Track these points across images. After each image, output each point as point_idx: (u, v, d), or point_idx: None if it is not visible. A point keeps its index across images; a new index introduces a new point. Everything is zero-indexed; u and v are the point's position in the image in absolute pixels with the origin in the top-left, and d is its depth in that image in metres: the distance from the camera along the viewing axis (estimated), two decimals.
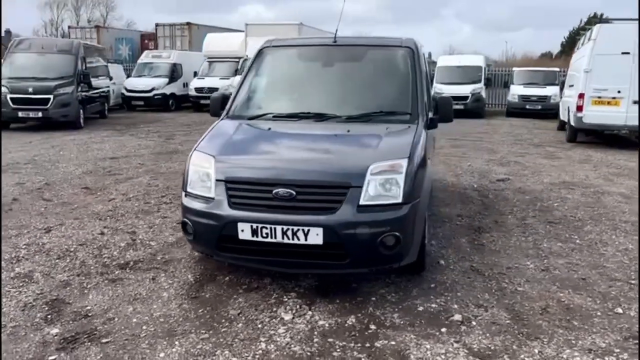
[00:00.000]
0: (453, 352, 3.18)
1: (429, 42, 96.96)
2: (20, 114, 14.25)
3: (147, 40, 31.58)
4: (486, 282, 4.24)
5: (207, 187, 3.91)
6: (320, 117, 4.60)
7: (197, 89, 21.42)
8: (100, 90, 17.58)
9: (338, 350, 3.18)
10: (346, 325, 3.49)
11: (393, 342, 3.28)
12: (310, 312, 3.65)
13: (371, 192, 3.71)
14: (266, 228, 3.66)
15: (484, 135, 14.51)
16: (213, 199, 3.85)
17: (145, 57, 23.31)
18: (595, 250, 5.04)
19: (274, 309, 3.69)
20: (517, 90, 20.53)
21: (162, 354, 3.11)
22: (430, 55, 37.61)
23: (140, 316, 3.58)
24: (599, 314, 3.72)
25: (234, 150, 4.16)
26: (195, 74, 22.36)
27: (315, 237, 3.62)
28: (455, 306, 3.79)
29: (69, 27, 32.85)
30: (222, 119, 4.83)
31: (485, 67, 21.31)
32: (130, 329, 3.40)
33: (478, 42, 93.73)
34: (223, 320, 3.53)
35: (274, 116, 4.71)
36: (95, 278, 4.20)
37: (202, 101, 20.76)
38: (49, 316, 3.56)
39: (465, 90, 19.82)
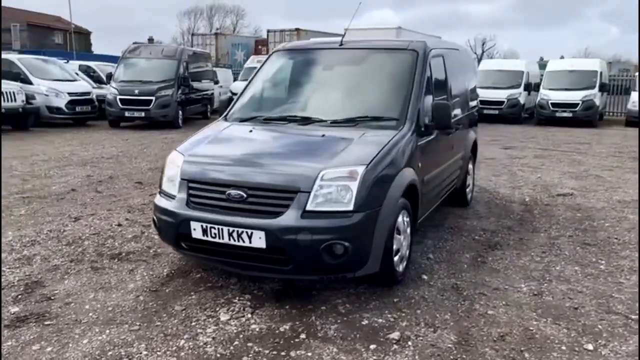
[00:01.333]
0: None
1: (559, 45, 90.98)
2: (127, 114, 15.62)
3: (261, 45, 32.97)
4: (458, 302, 3.95)
5: (174, 186, 4.05)
6: (306, 121, 4.57)
7: None
8: (203, 92, 18.67)
9: (250, 355, 3.16)
10: (277, 332, 3.44)
11: (309, 354, 3.19)
12: (249, 316, 3.64)
13: (320, 198, 3.63)
14: (214, 228, 3.72)
15: (582, 146, 13.36)
16: (175, 197, 3.99)
17: (251, 62, 24.33)
18: (614, 278, 4.48)
19: (217, 309, 3.73)
20: (635, 98, 18.68)
21: (85, 341, 3.28)
22: (541, 59, 35.39)
23: (94, 304, 3.80)
24: (563, 348, 3.32)
25: (204, 151, 4.26)
26: None
27: (259, 240, 3.61)
28: (404, 324, 3.58)
29: (193, 34, 35.18)
30: (218, 120, 4.97)
31: (602, 71, 19.65)
32: (77, 315, 3.62)
33: (624, 45, 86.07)
34: (164, 315, 3.64)
35: (264, 119, 4.76)
36: (83, 265, 4.52)
37: None
38: (19, 296, 3.90)
39: (574, 96, 18.44)
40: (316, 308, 3.79)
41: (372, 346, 3.29)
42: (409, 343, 3.33)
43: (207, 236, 3.76)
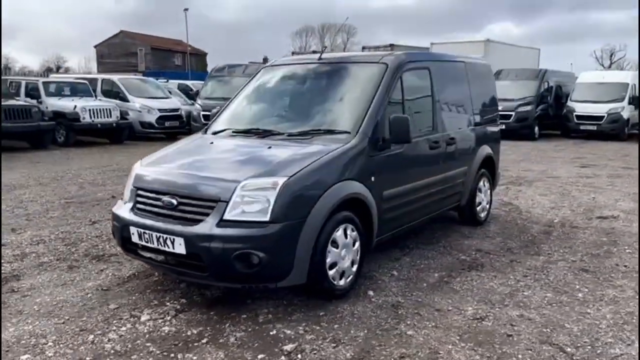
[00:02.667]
0: None
1: None
2: None
3: None
4: (386, 320, 3.83)
5: (128, 193, 4.36)
6: (266, 134, 4.68)
7: None
8: None
9: (141, 354, 3.31)
10: (183, 335, 3.57)
11: (195, 357, 3.28)
12: (168, 319, 3.81)
13: (238, 207, 3.73)
14: (146, 234, 3.95)
15: None
16: (126, 203, 4.29)
17: None
18: (582, 308, 4.08)
19: (144, 310, 3.93)
20: None
21: (12, 329, 3.63)
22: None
23: (46, 297, 4.17)
24: None
25: (159, 161, 4.52)
26: None
27: (179, 246, 3.78)
28: (309, 337, 3.55)
29: (293, 52, 36.36)
30: (197, 133, 5.24)
31: (634, 84, 18.00)
32: (24, 306, 4.00)
33: None
34: (95, 313, 3.91)
35: (233, 131, 4.94)
36: (64, 264, 4.95)
37: None
38: None
39: (601, 109, 17.69)
40: (238, 315, 3.87)
41: (261, 355, 3.31)
42: (299, 356, 3.30)
43: (142, 241, 4.00)
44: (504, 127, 17.46)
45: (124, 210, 4.23)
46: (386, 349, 3.40)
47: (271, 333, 3.60)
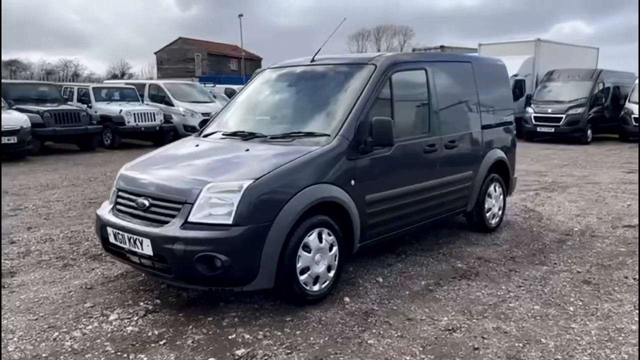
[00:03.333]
0: None
1: None
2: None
3: None
4: (352, 328, 3.72)
5: (112, 194, 4.46)
6: (250, 136, 4.67)
7: None
8: None
9: (96, 353, 3.36)
10: (143, 335, 3.60)
11: (146, 358, 3.30)
12: (136, 319, 3.85)
13: (202, 210, 3.73)
14: (120, 234, 4.02)
15: None
16: (109, 204, 4.39)
17: None
18: (566, 323, 3.83)
19: (115, 310, 4.00)
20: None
21: None
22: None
23: (31, 294, 4.31)
24: None
25: (142, 163, 4.59)
26: None
27: (147, 247, 3.83)
28: (266, 342, 3.50)
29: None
30: (191, 135, 5.30)
31: None
32: (7, 302, 4.15)
33: None
34: (70, 310, 4.00)
35: (222, 134, 4.96)
36: (60, 262, 5.11)
37: None
38: None
39: None
40: (204, 318, 3.86)
41: (211, 359, 3.28)
42: None
43: (117, 241, 4.07)
44: (552, 130, 16.92)
45: (104, 211, 4.32)
46: (340, 357, 3.30)
47: (230, 337, 3.57)
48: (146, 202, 3.98)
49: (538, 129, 17.34)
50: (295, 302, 4.03)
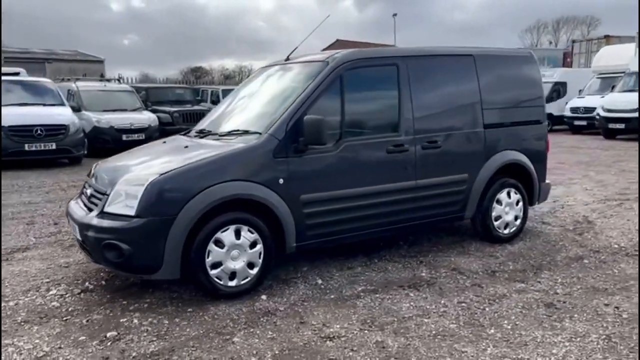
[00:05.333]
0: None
1: None
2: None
3: (568, 57, 30.10)
4: (238, 324, 3.75)
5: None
6: (206, 134, 4.90)
7: (573, 109, 19.72)
8: None
9: (9, 320, 3.86)
10: (57, 311, 4.00)
11: (36, 328, 3.70)
12: (67, 296, 4.28)
13: (114, 201, 4.06)
14: (70, 221, 4.52)
15: None
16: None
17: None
18: (467, 346, 3.44)
19: (61, 286, 4.48)
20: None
21: None
22: None
23: (20, 266, 4.97)
24: None
25: (115, 157, 5.01)
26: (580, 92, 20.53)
27: (77, 232, 4.27)
28: (142, 329, 3.67)
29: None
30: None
31: None
32: None
33: None
34: (29, 283, 4.57)
35: (195, 131, 5.25)
36: (69, 242, 5.81)
37: (576, 122, 19.20)
38: None
39: None
40: (122, 301, 4.16)
41: (82, 337, 3.58)
42: (108, 343, 3.48)
43: (69, 226, 4.58)
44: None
45: (72, 201, 4.84)
46: (192, 350, 3.37)
47: (121, 320, 3.83)
48: (89, 192, 4.41)
49: None
50: (208, 294, 4.14)
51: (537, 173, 5.80)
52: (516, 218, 5.67)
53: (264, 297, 4.21)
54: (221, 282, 4.11)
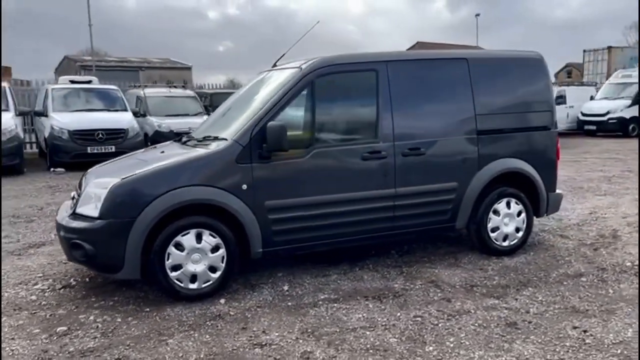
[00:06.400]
0: None
1: None
2: None
3: None
4: (182, 327, 3.84)
5: None
6: (188, 139, 5.05)
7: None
8: None
9: None
10: (31, 304, 4.28)
11: (4, 319, 4.00)
12: (47, 290, 4.57)
13: (83, 203, 4.31)
14: None
15: None
16: None
17: (614, 78, 21.36)
18: None
19: (48, 281, 4.80)
20: None
21: None
22: None
23: (27, 261, 5.35)
24: None
25: (111, 161, 5.28)
26: None
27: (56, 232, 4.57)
28: (96, 325, 3.84)
29: (584, 50, 32.17)
30: None
31: None
32: (5, 265, 5.31)
33: None
34: (26, 277, 4.92)
35: (185, 138, 5.41)
36: None
37: None
38: None
39: None
40: (91, 298, 4.39)
41: (37, 330, 3.81)
42: (54, 337, 3.68)
43: None
44: None
45: (65, 202, 5.16)
46: (125, 350, 3.50)
47: (80, 316, 4.04)
48: (74, 194, 4.69)
49: None
50: (170, 296, 4.27)
51: (544, 182, 5.43)
52: (517, 230, 5.35)
53: (222, 300, 4.27)
54: (182, 285, 4.22)
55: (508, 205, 5.28)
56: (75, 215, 4.28)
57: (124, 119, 12.76)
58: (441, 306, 4.13)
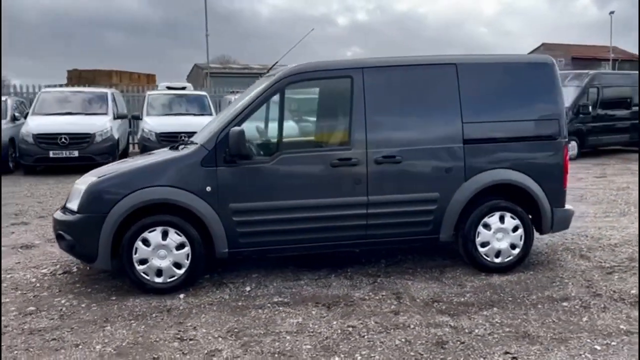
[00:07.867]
0: None
1: None
2: None
3: None
4: (111, 319, 4.07)
5: None
6: (184, 143, 5.38)
7: None
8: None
9: None
10: (25, 286, 4.86)
11: None
12: (41, 275, 5.13)
13: (71, 198, 4.80)
14: None
15: None
16: None
17: None
18: None
19: (46, 268, 5.38)
20: None
21: None
22: None
23: (29, 262, 6.06)
24: None
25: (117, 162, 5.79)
26: None
27: None
28: (53, 311, 4.32)
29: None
30: None
31: None
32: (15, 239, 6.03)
33: None
34: (30, 260, 5.57)
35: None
36: None
37: None
38: None
39: None
40: (75, 285, 4.86)
41: (14, 314, 4.26)
42: (13, 323, 4.16)
43: None
44: None
45: None
46: (65, 332, 3.86)
47: (54, 300, 4.49)
48: None
49: None
50: (137, 288, 4.61)
51: (548, 197, 5.03)
52: (513, 247, 5.00)
53: (182, 295, 4.51)
54: (148, 278, 4.53)
55: (502, 219, 4.96)
56: (64, 209, 4.77)
57: (202, 124, 13.56)
58: (384, 319, 4.02)
